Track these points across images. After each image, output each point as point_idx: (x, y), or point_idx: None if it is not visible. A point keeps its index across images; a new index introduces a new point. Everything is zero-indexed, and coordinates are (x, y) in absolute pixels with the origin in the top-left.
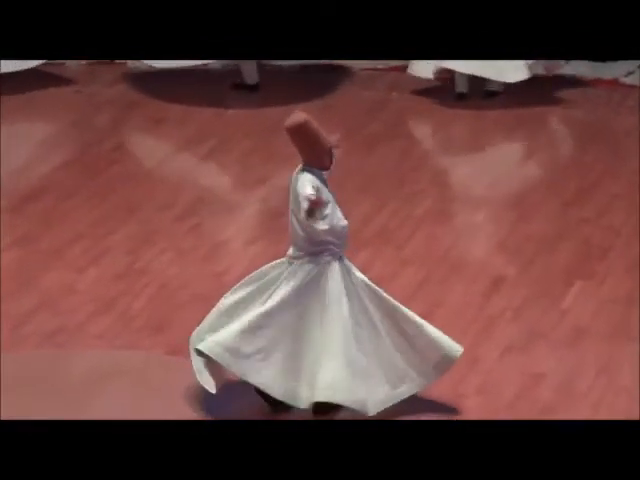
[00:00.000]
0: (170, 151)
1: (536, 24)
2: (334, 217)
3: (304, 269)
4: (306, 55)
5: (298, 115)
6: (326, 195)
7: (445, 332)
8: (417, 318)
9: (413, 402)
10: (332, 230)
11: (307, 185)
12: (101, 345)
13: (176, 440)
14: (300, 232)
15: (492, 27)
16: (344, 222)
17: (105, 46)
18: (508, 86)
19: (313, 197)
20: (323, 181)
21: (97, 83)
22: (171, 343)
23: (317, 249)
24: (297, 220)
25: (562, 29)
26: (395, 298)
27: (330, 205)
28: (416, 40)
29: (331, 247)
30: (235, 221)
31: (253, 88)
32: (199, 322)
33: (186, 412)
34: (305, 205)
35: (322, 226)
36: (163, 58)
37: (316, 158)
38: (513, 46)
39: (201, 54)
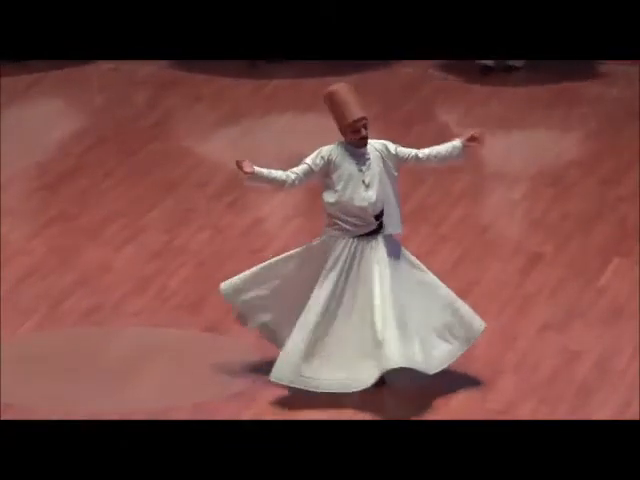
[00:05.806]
0: (207, 128)
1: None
2: (346, 194)
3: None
4: (305, 55)
5: (333, 85)
6: (345, 171)
7: (482, 310)
8: (446, 289)
9: (450, 379)
10: (339, 206)
11: (310, 156)
12: (138, 323)
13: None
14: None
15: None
16: (362, 203)
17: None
18: (544, 62)
19: (243, 162)
20: (354, 156)
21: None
22: (208, 321)
23: (327, 221)
24: None
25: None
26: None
27: (344, 182)
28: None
29: (339, 223)
30: (272, 198)
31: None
32: None
33: (222, 390)
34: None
35: (327, 198)
36: (161, 58)
37: (341, 131)
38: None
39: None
